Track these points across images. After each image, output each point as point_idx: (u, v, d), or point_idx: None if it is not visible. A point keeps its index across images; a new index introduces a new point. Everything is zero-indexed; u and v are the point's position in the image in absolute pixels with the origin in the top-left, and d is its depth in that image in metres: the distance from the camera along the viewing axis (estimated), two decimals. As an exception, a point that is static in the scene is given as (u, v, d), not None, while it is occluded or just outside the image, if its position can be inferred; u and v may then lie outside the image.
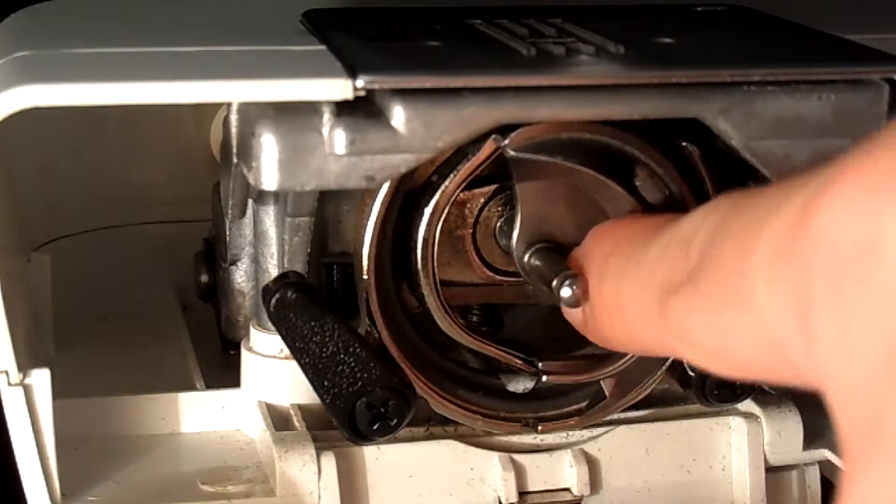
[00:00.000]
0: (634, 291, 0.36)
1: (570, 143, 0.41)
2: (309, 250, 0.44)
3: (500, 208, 0.44)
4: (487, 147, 0.41)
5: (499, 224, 0.44)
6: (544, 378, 0.44)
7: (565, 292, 0.39)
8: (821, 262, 0.27)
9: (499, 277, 0.45)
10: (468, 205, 0.44)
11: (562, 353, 0.44)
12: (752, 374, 0.33)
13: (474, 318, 0.47)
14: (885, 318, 0.25)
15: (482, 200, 0.44)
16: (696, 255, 0.33)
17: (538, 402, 0.46)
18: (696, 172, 0.43)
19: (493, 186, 0.44)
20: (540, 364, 0.44)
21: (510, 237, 0.43)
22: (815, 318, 0.27)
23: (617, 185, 0.42)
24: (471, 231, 0.44)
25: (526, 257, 0.42)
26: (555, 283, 0.39)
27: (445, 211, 0.42)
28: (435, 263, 0.43)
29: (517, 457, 0.46)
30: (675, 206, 0.42)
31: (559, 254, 0.42)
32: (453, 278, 0.45)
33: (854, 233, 0.26)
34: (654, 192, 0.42)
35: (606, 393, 0.45)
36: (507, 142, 0.40)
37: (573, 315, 0.41)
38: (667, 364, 0.45)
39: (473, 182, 0.42)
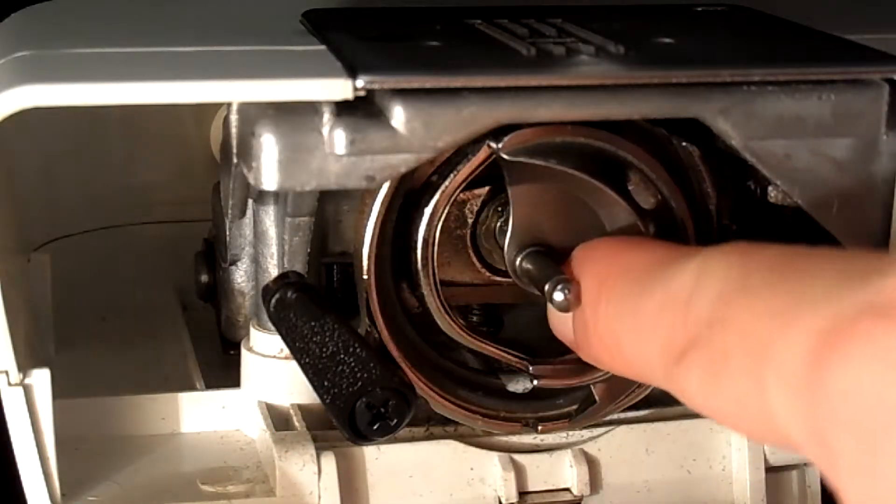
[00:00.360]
0: (633, 343, 0.36)
1: (563, 147, 0.41)
2: (309, 250, 0.44)
3: (499, 209, 0.44)
4: (482, 151, 0.41)
5: (499, 224, 0.44)
6: (535, 382, 0.44)
7: (557, 296, 0.39)
8: (840, 419, 0.26)
9: (498, 278, 0.45)
10: (468, 205, 0.44)
11: (559, 354, 0.44)
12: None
13: (474, 318, 0.47)
14: None
15: (482, 200, 0.44)
16: (695, 324, 0.32)
17: (538, 402, 0.46)
18: (696, 172, 0.43)
19: (493, 186, 0.44)
20: (531, 368, 0.44)
21: (503, 240, 0.43)
22: (837, 460, 0.27)
23: (610, 189, 0.42)
24: (470, 231, 0.44)
25: (518, 260, 0.42)
26: (547, 287, 0.39)
27: (445, 211, 0.42)
28: (435, 263, 0.43)
29: (517, 457, 0.46)
30: (668, 211, 0.42)
31: (551, 258, 0.42)
32: (453, 278, 0.45)
33: (873, 397, 0.26)
34: (647, 197, 0.42)
35: (596, 398, 0.45)
36: (500, 145, 0.40)
37: (563, 332, 0.40)
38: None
39: (473, 182, 0.42)
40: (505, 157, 0.40)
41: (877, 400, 0.26)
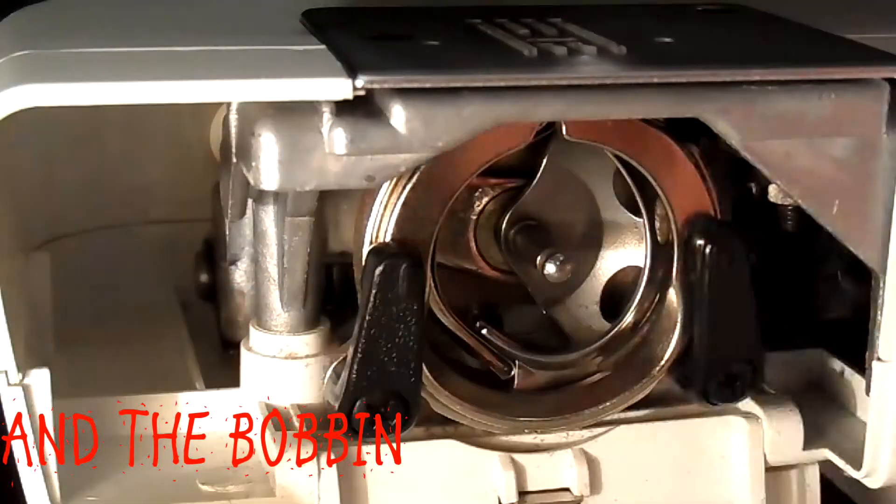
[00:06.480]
0: None
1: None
2: (309, 250, 0.44)
3: (499, 207, 0.44)
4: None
5: (501, 221, 0.45)
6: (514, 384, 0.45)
7: (550, 267, 0.40)
8: None
9: (494, 272, 0.45)
10: (469, 204, 0.44)
11: (554, 352, 0.45)
12: None
13: (474, 318, 0.47)
14: None
15: (484, 200, 0.44)
16: None
17: (540, 401, 0.46)
18: (697, 171, 0.43)
19: (497, 182, 0.44)
20: (513, 370, 0.44)
21: (508, 210, 0.44)
22: None
23: (640, 201, 0.44)
24: (472, 230, 0.45)
25: (513, 232, 0.44)
26: (539, 257, 0.40)
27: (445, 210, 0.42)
28: (435, 263, 0.43)
29: (517, 457, 0.46)
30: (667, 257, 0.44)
31: (545, 233, 0.43)
32: (453, 278, 0.45)
33: None
34: (665, 232, 0.44)
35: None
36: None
37: None
38: (662, 369, 0.45)
39: (473, 184, 0.43)
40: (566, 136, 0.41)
41: None
